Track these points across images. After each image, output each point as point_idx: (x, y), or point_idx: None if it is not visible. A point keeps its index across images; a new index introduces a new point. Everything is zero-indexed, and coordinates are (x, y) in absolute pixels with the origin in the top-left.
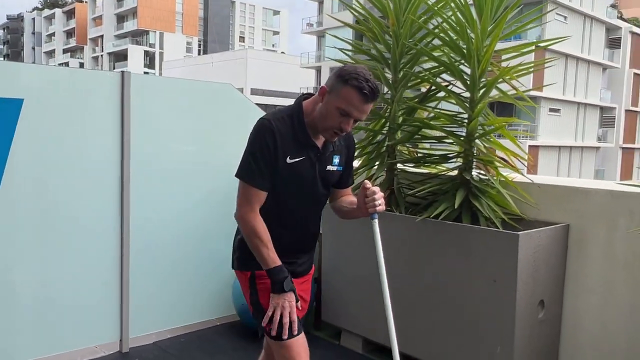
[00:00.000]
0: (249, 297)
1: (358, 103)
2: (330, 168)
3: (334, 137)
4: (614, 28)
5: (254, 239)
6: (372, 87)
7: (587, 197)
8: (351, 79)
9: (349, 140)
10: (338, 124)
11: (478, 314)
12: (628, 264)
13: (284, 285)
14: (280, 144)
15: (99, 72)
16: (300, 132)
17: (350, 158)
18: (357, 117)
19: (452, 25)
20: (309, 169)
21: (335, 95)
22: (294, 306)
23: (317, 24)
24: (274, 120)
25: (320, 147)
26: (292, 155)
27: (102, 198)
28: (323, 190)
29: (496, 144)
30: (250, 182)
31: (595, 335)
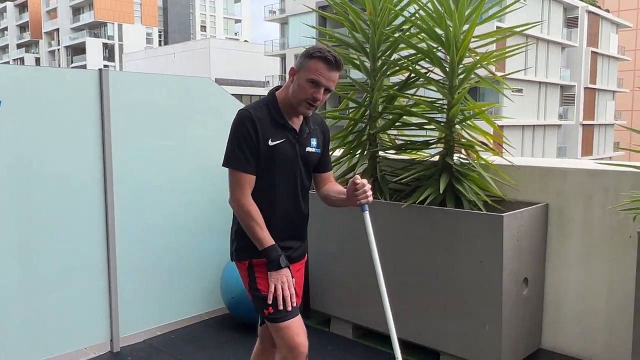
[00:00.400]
0: (248, 284)
1: (324, 71)
2: (309, 149)
3: (309, 108)
4: (571, 7)
5: (249, 220)
6: (335, 56)
7: (564, 176)
8: (315, 52)
9: (322, 126)
10: (311, 95)
11: (466, 294)
12: (605, 239)
13: (280, 262)
14: (260, 129)
15: (76, 70)
16: (277, 116)
17: (326, 143)
18: (326, 85)
19: (429, 12)
20: (290, 150)
21: (303, 70)
22: (290, 280)
23: (279, 11)
24: (251, 110)
25: (297, 129)
26: (272, 138)
27: (85, 197)
28: (305, 172)
29: (476, 129)
30: (238, 168)
31: (576, 309)
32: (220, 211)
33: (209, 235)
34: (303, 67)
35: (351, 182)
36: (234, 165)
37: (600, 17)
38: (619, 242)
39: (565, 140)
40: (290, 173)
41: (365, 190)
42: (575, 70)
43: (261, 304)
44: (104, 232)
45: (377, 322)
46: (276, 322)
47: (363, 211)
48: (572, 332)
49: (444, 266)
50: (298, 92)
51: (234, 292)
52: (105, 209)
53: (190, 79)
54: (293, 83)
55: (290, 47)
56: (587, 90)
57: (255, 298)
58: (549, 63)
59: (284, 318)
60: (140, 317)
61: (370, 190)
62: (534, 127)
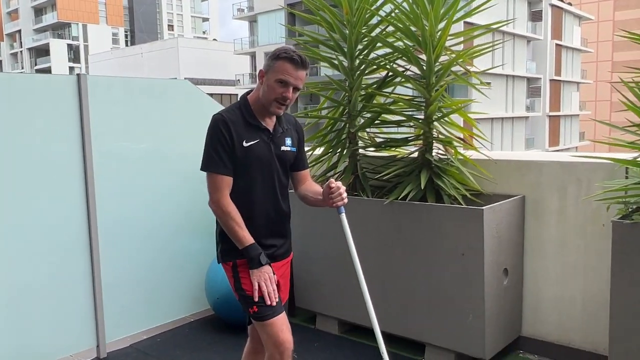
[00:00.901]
0: (234, 284)
1: (292, 71)
2: (284, 148)
3: (280, 107)
4: (535, 1)
5: (228, 221)
6: (300, 56)
7: (540, 169)
8: (281, 53)
9: (296, 125)
10: (280, 94)
11: (449, 287)
12: (579, 228)
13: (261, 260)
14: (235, 131)
15: (54, 76)
16: (250, 118)
17: (301, 141)
18: (294, 84)
19: (405, 12)
20: (265, 149)
21: (271, 71)
22: (272, 277)
23: (248, 9)
24: (225, 113)
25: (270, 129)
26: (247, 139)
27: (68, 203)
28: (282, 170)
29: (454, 125)
30: (215, 171)
31: (554, 296)
32: (203, 213)
33: (192, 237)
34: (271, 68)
35: (326, 185)
36: (211, 168)
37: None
38: (593, 231)
39: (533, 132)
40: (267, 172)
41: (340, 193)
42: (541, 62)
43: (247, 303)
44: (87, 238)
45: (362, 317)
46: (261, 320)
47: (339, 213)
48: (551, 319)
49: (427, 260)
50: (268, 93)
51: (219, 293)
52: (88, 214)
53: (168, 82)
54: (263, 85)
55: (260, 45)
56: (552, 82)
57: (241, 298)
58: (516, 56)
59: (269, 316)
60: (126, 322)
61: (345, 193)
62: (503, 120)
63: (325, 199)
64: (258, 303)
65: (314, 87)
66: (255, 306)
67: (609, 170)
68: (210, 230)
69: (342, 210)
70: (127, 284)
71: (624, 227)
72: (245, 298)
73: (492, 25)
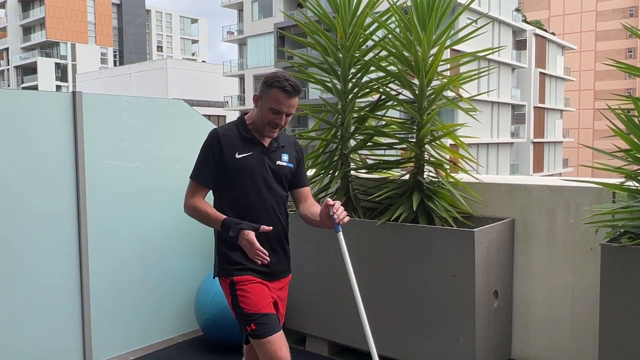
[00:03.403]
0: (231, 302)
1: (284, 100)
2: (280, 163)
3: (274, 130)
4: (519, 30)
5: (198, 213)
6: (292, 84)
7: (529, 193)
8: (274, 82)
9: (295, 145)
10: (273, 120)
11: (440, 308)
12: (568, 251)
13: (240, 226)
14: (226, 144)
15: (50, 93)
16: (245, 133)
17: (300, 160)
18: (287, 112)
19: (399, 37)
20: (257, 161)
21: (265, 98)
22: (253, 239)
23: (237, 32)
24: (220, 129)
25: (266, 144)
26: (240, 151)
27: (58, 221)
28: (278, 183)
29: (445, 148)
30: (194, 179)
31: (543, 318)
32: (194, 232)
33: (182, 257)
34: (264, 95)
35: (324, 205)
36: (192, 176)
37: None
38: (582, 254)
39: (518, 157)
40: (261, 184)
41: (338, 213)
42: (525, 90)
43: (244, 321)
44: (77, 259)
45: (352, 339)
46: (259, 337)
47: (337, 232)
48: (540, 342)
49: (418, 281)
50: (262, 118)
51: (209, 314)
52: (79, 233)
53: (163, 101)
54: (258, 109)
55: (249, 67)
56: (536, 109)
57: (238, 315)
58: (501, 83)
59: (266, 333)
60: (113, 342)
61: (345, 212)
62: (488, 145)
63: (322, 219)
64: (255, 321)
65: (306, 109)
66: (253, 324)
67: (596, 195)
68: (201, 250)
69: (339, 228)
70: (116, 303)
71: (613, 250)
72: (243, 316)
73: (481, 52)
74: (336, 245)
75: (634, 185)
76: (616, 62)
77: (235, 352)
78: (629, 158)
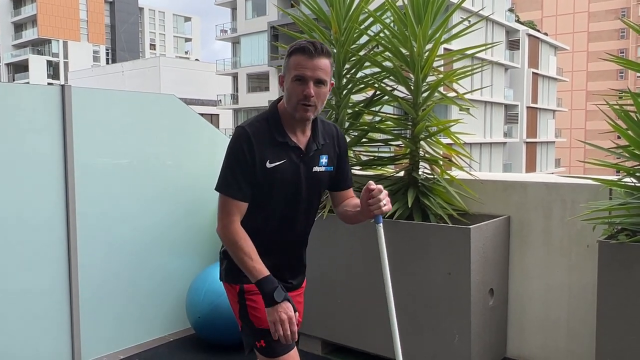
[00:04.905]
0: (238, 311)
1: (305, 62)
2: (317, 169)
3: (307, 110)
4: (512, 31)
5: (237, 251)
6: (312, 43)
7: (525, 190)
8: (291, 47)
9: (337, 138)
10: (301, 93)
11: (436, 306)
12: (564, 248)
13: (275, 297)
14: (258, 149)
15: (38, 86)
16: (278, 134)
17: (342, 156)
18: (313, 76)
19: (394, 32)
20: (292, 171)
21: (287, 71)
22: (292, 316)
23: (231, 30)
24: (248, 127)
25: (303, 147)
26: (271, 159)
27: (46, 219)
28: (312, 195)
29: (441, 144)
30: (227, 194)
31: (538, 316)
32: (185, 229)
33: (174, 254)
34: (286, 68)
35: (365, 188)
36: (223, 190)
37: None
38: (578, 252)
39: (511, 157)
40: (292, 199)
41: (379, 199)
42: (518, 90)
43: (253, 336)
44: (66, 256)
45: (346, 338)
46: (271, 356)
47: (376, 223)
48: (536, 340)
49: (413, 279)
50: (289, 97)
51: (200, 312)
52: (67, 230)
53: (154, 96)
54: (284, 91)
55: (242, 66)
56: (529, 109)
57: (246, 328)
58: (494, 83)
59: (279, 352)
60: (103, 341)
61: (388, 198)
62: (481, 145)
63: (363, 207)
64: (266, 338)
65: None
66: (264, 341)
67: (593, 192)
68: (193, 248)
69: (379, 219)
70: (106, 301)
71: (610, 247)
72: (253, 330)
73: (476, 48)
74: (333, 241)
75: (631, 181)
76: (615, 57)
77: (227, 351)
78: (625, 154)
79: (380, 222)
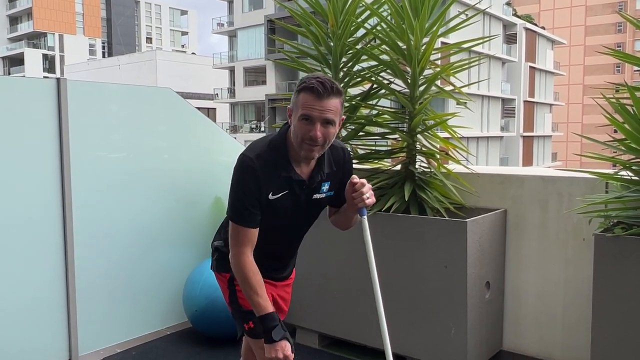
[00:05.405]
0: (228, 297)
1: (313, 102)
2: (317, 196)
3: (312, 150)
4: (510, 24)
5: (245, 285)
6: (322, 82)
7: (521, 183)
8: (302, 84)
9: (344, 162)
10: (306, 133)
11: (432, 299)
12: (560, 241)
13: (273, 335)
14: (263, 182)
15: (33, 79)
16: (283, 169)
17: (343, 182)
18: (321, 117)
19: (391, 25)
20: (291, 202)
21: (295, 107)
22: (288, 355)
23: (228, 24)
24: (256, 160)
25: (307, 178)
26: (274, 191)
27: (42, 212)
28: (311, 216)
29: (438, 138)
30: (240, 223)
31: (534, 309)
32: (182, 223)
33: (170, 248)
34: (295, 104)
35: (348, 182)
36: (236, 219)
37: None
38: (574, 245)
39: (507, 151)
40: (290, 224)
41: (362, 192)
42: (515, 84)
43: (242, 318)
44: (62, 249)
45: (342, 331)
46: (257, 337)
47: (361, 216)
48: (532, 333)
49: (409, 272)
50: (295, 134)
51: (197, 306)
52: (64, 223)
53: (151, 89)
54: (292, 125)
55: (239, 59)
56: (526, 103)
57: (236, 312)
58: (491, 77)
59: None
60: (100, 335)
61: (371, 191)
62: (478, 139)
63: (349, 201)
64: (254, 319)
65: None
66: (252, 322)
67: (589, 185)
68: (189, 241)
69: (364, 212)
70: (102, 295)
71: (606, 240)
72: (241, 313)
73: (474, 41)
74: (330, 236)
75: (627, 175)
76: (612, 50)
77: (224, 344)
78: (621, 147)
79: (364, 214)
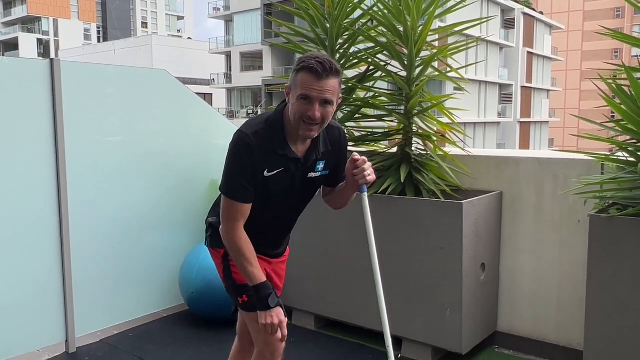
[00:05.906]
0: (222, 272)
1: (312, 82)
2: (312, 175)
3: (310, 129)
4: (508, 9)
5: (238, 256)
6: (322, 62)
7: (517, 165)
8: (300, 64)
9: (338, 145)
10: (305, 112)
11: (427, 281)
12: (556, 224)
13: (269, 302)
14: (258, 159)
15: (25, 60)
16: (279, 146)
17: (342, 159)
18: (319, 97)
19: (387, 5)
20: (288, 179)
21: (294, 87)
22: (282, 320)
23: (224, 8)
24: (252, 134)
25: (302, 156)
26: (270, 168)
27: (38, 195)
28: (305, 195)
29: (434, 120)
30: (232, 197)
31: (529, 291)
32: (178, 206)
33: (166, 231)
34: (293, 83)
35: (350, 159)
36: (229, 194)
37: (535, 19)
38: (569, 227)
39: (504, 137)
40: (285, 202)
41: (364, 169)
42: (513, 69)
43: (236, 292)
44: (58, 231)
45: (338, 313)
46: (251, 310)
47: (361, 192)
48: (526, 314)
49: (405, 254)
50: (294, 113)
51: (194, 288)
52: (59, 207)
53: (146, 70)
54: (290, 103)
55: (235, 44)
56: (523, 89)
57: (230, 287)
58: (489, 62)
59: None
60: (97, 316)
61: (372, 169)
62: (475, 125)
63: (349, 178)
64: (248, 292)
65: None
66: (245, 295)
67: (585, 167)
68: (186, 224)
69: (364, 189)
70: (99, 277)
71: (601, 221)
72: (235, 287)
73: (471, 22)
74: (326, 218)
75: (623, 156)
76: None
77: (221, 326)
78: (618, 129)
79: (365, 191)
